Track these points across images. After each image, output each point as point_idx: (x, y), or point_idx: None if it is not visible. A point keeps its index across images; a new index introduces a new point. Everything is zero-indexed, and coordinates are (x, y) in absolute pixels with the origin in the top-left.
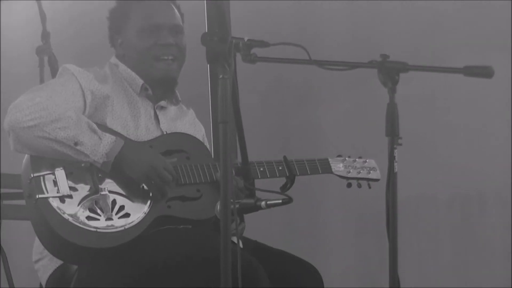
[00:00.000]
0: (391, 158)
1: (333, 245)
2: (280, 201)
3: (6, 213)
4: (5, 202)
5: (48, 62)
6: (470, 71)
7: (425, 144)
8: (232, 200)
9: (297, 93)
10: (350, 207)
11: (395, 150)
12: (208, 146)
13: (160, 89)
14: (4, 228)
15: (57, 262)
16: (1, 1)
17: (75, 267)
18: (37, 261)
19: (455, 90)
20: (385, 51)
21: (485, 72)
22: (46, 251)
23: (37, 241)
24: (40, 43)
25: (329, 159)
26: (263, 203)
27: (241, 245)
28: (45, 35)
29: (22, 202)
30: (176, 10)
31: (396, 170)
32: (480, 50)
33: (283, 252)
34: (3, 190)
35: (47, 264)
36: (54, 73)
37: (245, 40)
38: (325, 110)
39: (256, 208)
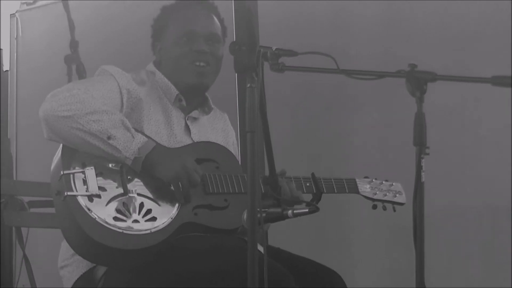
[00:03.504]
0: (419, 168)
1: (360, 256)
2: (307, 210)
3: (32, 221)
4: (32, 210)
5: (76, 70)
6: (498, 81)
7: (453, 154)
8: (258, 209)
9: (324, 103)
10: (378, 217)
11: (423, 160)
12: (237, 150)
13: (193, 97)
14: (29, 236)
15: (82, 269)
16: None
17: (100, 274)
18: (62, 268)
19: (484, 100)
20: (413, 60)
21: None
22: (72, 258)
23: (63, 247)
24: (68, 51)
25: (356, 180)
26: (289, 212)
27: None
28: (74, 44)
29: (48, 210)
30: (216, 20)
31: (423, 180)
32: (509, 60)
33: (306, 259)
34: (30, 199)
35: (72, 270)
36: None
37: (273, 50)
38: (353, 119)
39: (283, 217)
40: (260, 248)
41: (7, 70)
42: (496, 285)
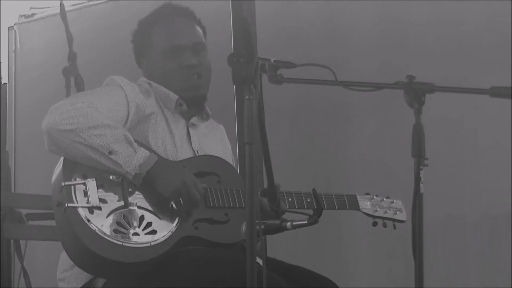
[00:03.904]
0: (417, 179)
1: (359, 266)
2: (306, 222)
3: (31, 234)
4: (30, 222)
5: (74, 83)
6: (496, 92)
7: (451, 165)
8: (257, 221)
9: (323, 114)
10: (377, 228)
11: (421, 171)
12: (234, 162)
13: (192, 105)
14: (28, 249)
15: (82, 281)
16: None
17: (99, 286)
18: (61, 279)
19: (482, 111)
20: (411, 71)
21: (510, 93)
22: (71, 270)
23: (62, 259)
24: (66, 63)
25: (357, 196)
26: (288, 224)
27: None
28: (72, 56)
29: (47, 223)
30: (196, 27)
31: (422, 191)
32: (508, 70)
33: (302, 269)
34: (28, 211)
35: (71, 282)
36: None
37: (272, 61)
38: (351, 130)
39: (281, 229)
40: (259, 260)
41: (6, 83)
42: None
